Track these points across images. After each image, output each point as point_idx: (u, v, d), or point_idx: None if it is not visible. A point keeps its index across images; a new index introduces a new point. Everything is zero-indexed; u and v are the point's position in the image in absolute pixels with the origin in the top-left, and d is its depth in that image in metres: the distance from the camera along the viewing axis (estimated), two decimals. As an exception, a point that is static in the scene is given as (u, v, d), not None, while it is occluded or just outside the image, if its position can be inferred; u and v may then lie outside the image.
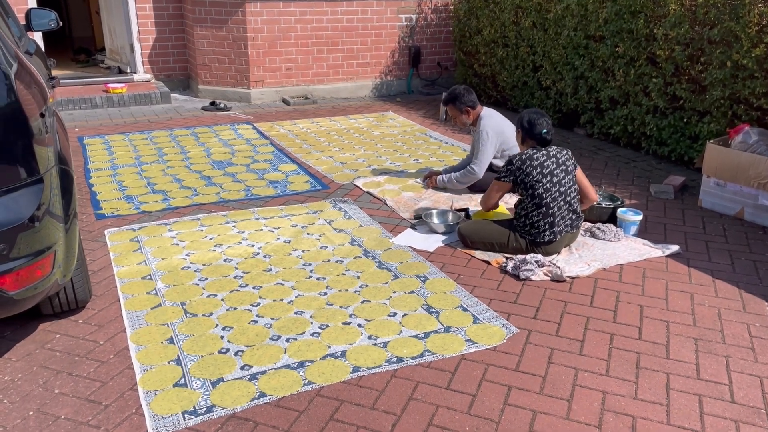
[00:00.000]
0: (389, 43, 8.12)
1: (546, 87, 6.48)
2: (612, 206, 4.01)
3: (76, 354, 2.70)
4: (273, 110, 7.32)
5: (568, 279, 3.33)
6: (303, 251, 3.69)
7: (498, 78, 7.22)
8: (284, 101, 7.70)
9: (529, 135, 3.57)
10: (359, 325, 2.91)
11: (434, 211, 4.07)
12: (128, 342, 2.78)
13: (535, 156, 3.50)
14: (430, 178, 4.73)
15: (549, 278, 3.34)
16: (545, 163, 3.49)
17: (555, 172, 3.51)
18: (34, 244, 2.41)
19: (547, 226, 3.50)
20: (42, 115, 2.56)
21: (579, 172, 3.66)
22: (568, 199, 3.55)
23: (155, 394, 2.44)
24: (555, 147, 3.60)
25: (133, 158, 5.41)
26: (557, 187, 3.50)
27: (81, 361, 2.65)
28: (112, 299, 3.15)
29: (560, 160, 3.55)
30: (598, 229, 3.85)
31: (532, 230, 3.53)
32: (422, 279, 3.36)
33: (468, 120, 4.51)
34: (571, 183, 3.60)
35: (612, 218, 3.98)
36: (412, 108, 7.52)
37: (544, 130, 3.56)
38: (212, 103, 7.33)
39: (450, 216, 4.06)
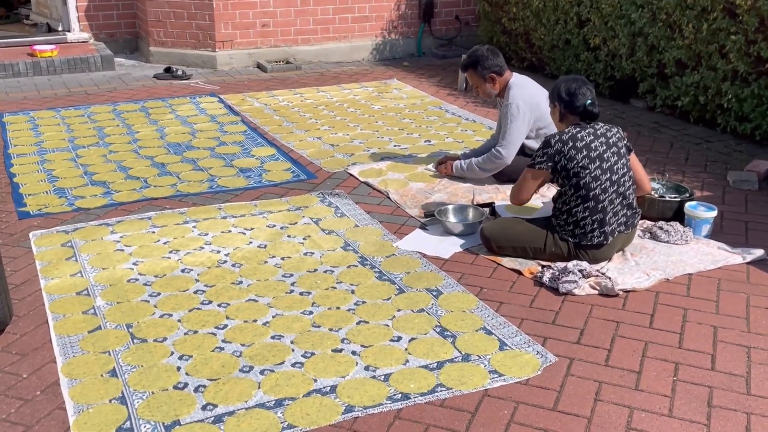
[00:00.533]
0: (393, -9, 8.14)
1: (594, 47, 6.48)
2: (678, 200, 4.02)
3: (-7, 390, 2.72)
4: (245, 78, 7.34)
5: (621, 293, 3.34)
6: (282, 259, 3.70)
7: (533, 36, 7.22)
8: (259, 67, 7.72)
9: (569, 109, 3.57)
10: (354, 353, 2.92)
11: (450, 207, 4.06)
12: (59, 375, 2.79)
13: (579, 135, 3.50)
14: (444, 164, 4.74)
15: (597, 292, 3.35)
16: (592, 144, 3.49)
17: (605, 155, 3.51)
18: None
19: (596, 225, 3.51)
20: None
21: (632, 157, 3.67)
22: (621, 190, 3.55)
23: (93, 441, 2.45)
24: (602, 123, 3.60)
25: (66, 140, 5.44)
26: (608, 175, 3.50)
27: (-1, 400, 2.67)
28: (38, 320, 3.17)
29: (611, 141, 3.55)
30: (661, 228, 3.86)
31: (577, 230, 3.53)
32: (435, 294, 3.36)
33: (493, 90, 4.51)
34: (626, 170, 3.60)
35: (679, 215, 3.98)
36: (423, 75, 7.53)
37: (588, 101, 3.56)
38: (167, 70, 7.36)
39: (470, 213, 4.05)
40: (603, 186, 3.50)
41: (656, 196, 4.05)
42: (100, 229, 3.99)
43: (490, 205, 4.17)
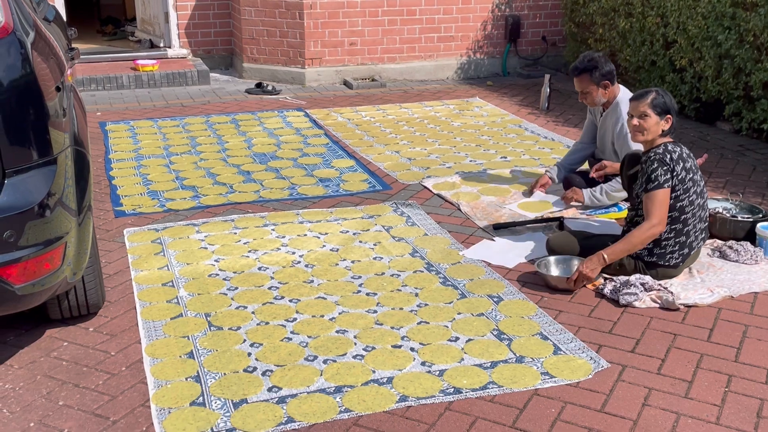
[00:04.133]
0: (480, 11, 8.35)
1: (680, 68, 6.50)
2: (751, 220, 4.04)
3: (85, 364, 3.05)
4: (331, 94, 7.68)
5: (682, 307, 3.40)
6: (353, 262, 3.94)
7: (619, 56, 7.27)
8: (345, 83, 8.06)
9: (676, 125, 3.55)
10: (412, 349, 3.12)
11: (552, 259, 3.75)
12: (143, 354, 3.10)
13: (684, 155, 3.50)
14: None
15: (657, 305, 3.43)
16: (691, 166, 3.53)
17: (696, 177, 3.57)
18: (44, 233, 2.78)
19: (677, 248, 3.56)
20: (58, 89, 2.95)
21: None
22: (704, 215, 3.62)
23: (169, 412, 2.73)
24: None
25: (162, 148, 5.87)
26: (699, 200, 3.55)
27: (89, 372, 3.00)
28: (127, 306, 3.51)
29: (695, 161, 3.62)
30: (731, 248, 3.89)
31: (656, 250, 3.57)
32: (495, 300, 3.52)
33: (603, 97, 4.48)
34: (706, 192, 3.65)
35: (751, 235, 4.00)
36: (506, 94, 7.69)
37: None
38: (258, 85, 7.78)
39: (574, 266, 3.66)
40: (694, 210, 3.54)
41: (728, 215, 4.08)
42: (187, 229, 4.34)
43: (559, 219, 4.29)
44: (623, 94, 4.51)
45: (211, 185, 5.09)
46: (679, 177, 3.49)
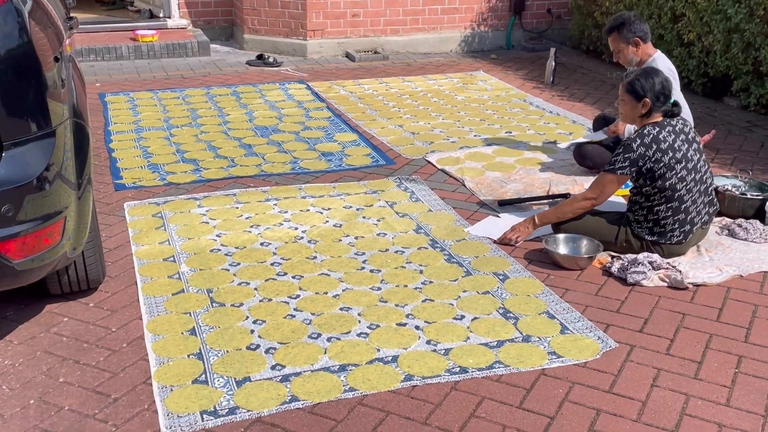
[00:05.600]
0: (485, -17, 8.22)
1: (688, 42, 6.39)
2: (761, 197, 3.98)
3: (85, 340, 3.01)
4: (333, 67, 7.58)
5: (690, 286, 3.36)
6: (356, 238, 3.88)
7: (625, 30, 7.14)
8: (348, 56, 7.95)
9: (659, 105, 3.53)
10: (417, 328, 3.07)
11: (561, 237, 3.69)
12: (144, 330, 3.06)
13: (660, 136, 3.48)
14: (609, 130, 4.54)
15: (666, 284, 3.38)
16: (675, 144, 3.49)
17: (688, 154, 3.51)
18: (43, 207, 2.72)
19: (677, 225, 3.52)
20: (57, 60, 2.87)
21: None
22: (703, 188, 3.56)
23: (171, 389, 2.69)
24: (675, 119, 3.59)
25: (162, 120, 5.79)
26: (693, 175, 3.50)
27: (90, 349, 2.95)
28: (128, 282, 3.46)
29: (689, 137, 3.56)
30: (740, 226, 3.84)
31: (656, 228, 3.55)
32: (501, 278, 3.48)
33: (635, 56, 4.41)
34: (707, 166, 3.61)
35: (760, 213, 3.94)
36: (510, 67, 7.58)
37: (673, 100, 3.58)
38: (259, 57, 7.67)
39: (584, 245, 3.63)
40: (688, 186, 3.50)
41: (737, 193, 4.03)
42: (188, 203, 4.28)
43: (565, 196, 4.23)
44: (659, 55, 4.44)
45: (212, 158, 5.02)
46: (653, 159, 3.44)
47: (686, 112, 4.27)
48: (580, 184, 4.50)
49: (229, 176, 4.71)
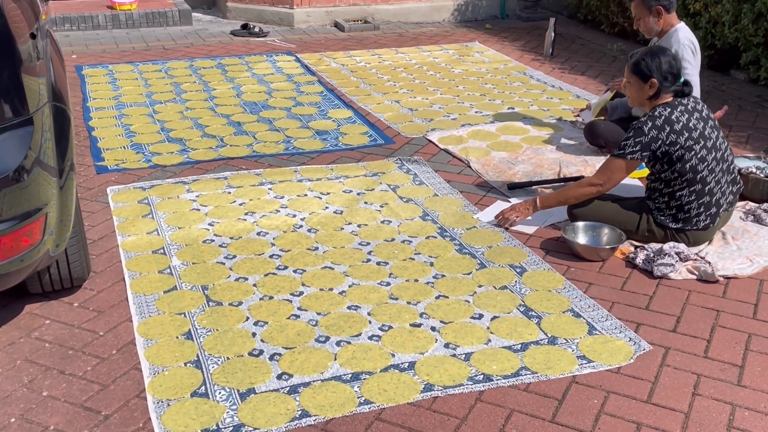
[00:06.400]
0: (478, -51, 7.89)
1: (694, 12, 6.14)
2: (786, 181, 3.77)
3: (70, 346, 2.74)
4: (322, 37, 7.25)
5: (721, 279, 3.15)
6: (359, 226, 3.63)
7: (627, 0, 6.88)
8: (337, 25, 7.62)
9: (668, 85, 3.34)
10: (433, 329, 2.84)
11: (580, 225, 3.44)
12: (135, 334, 2.80)
13: (673, 117, 3.28)
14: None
15: (695, 277, 3.17)
16: (690, 124, 3.28)
17: (706, 132, 3.31)
18: (21, 204, 2.43)
19: (702, 209, 3.30)
20: (33, 36, 2.56)
21: None
22: (725, 166, 3.36)
23: (168, 404, 2.44)
24: (687, 98, 3.38)
25: (144, 95, 5.46)
26: (713, 154, 3.30)
27: (76, 356, 2.69)
28: (115, 277, 3.19)
29: (704, 114, 3.36)
30: (766, 211, 3.63)
31: (680, 215, 3.33)
32: (518, 270, 3.24)
33: (657, 25, 4.19)
34: (726, 143, 3.40)
35: (785, 197, 3.74)
36: (506, 38, 7.30)
37: (683, 80, 3.37)
38: (244, 26, 7.32)
39: (605, 234, 3.40)
40: (710, 167, 3.29)
41: (761, 175, 3.81)
42: (177, 187, 3.99)
43: (578, 179, 3.99)
44: (683, 26, 4.20)
45: (200, 138, 4.71)
46: (668, 141, 3.24)
47: (695, 91, 4.05)
48: (592, 165, 4.27)
49: (219, 157, 4.42)
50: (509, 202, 3.87)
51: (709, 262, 3.21)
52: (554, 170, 4.23)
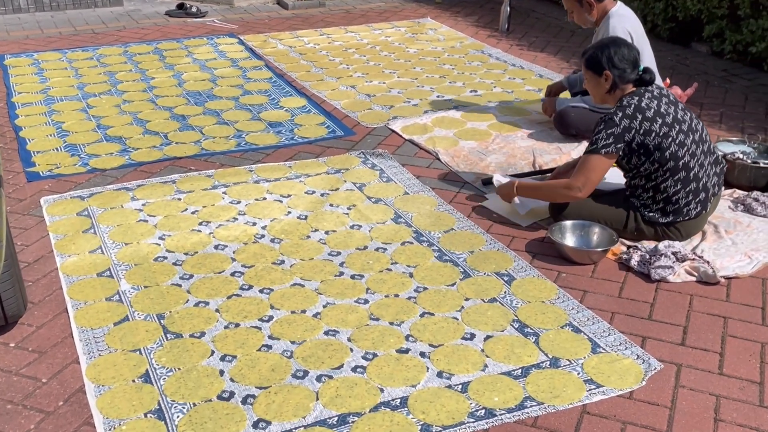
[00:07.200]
0: None
1: (653, -16, 5.94)
2: (773, 166, 3.59)
3: (9, 399, 2.37)
4: (265, 16, 6.83)
5: (722, 280, 2.94)
6: (326, 233, 3.31)
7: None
8: (280, 3, 7.19)
9: (622, 78, 3.14)
10: (422, 354, 2.55)
11: (568, 224, 3.21)
12: (84, 379, 2.44)
13: (643, 104, 3.07)
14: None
15: (694, 279, 2.96)
16: (661, 109, 3.08)
17: (678, 115, 3.11)
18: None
19: (691, 197, 3.10)
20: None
21: None
22: (706, 147, 3.17)
23: (129, 468, 2.11)
24: (651, 85, 3.18)
25: (75, 87, 5.00)
26: (691, 136, 3.10)
27: (15, 412, 2.32)
28: (56, 308, 2.80)
29: (671, 98, 3.19)
30: (756, 200, 3.45)
31: (669, 207, 3.12)
32: (506, 279, 2.98)
33: (591, 17, 3.97)
34: (701, 123, 3.20)
35: (772, 183, 3.56)
36: (459, 13, 6.99)
37: (642, 67, 3.15)
38: (180, 6, 6.84)
39: (595, 234, 3.17)
40: (690, 150, 3.08)
41: (748, 161, 3.62)
42: (120, 195, 3.59)
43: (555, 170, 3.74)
44: (618, 8, 3.93)
45: (141, 135, 4.30)
46: (642, 130, 3.05)
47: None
48: (567, 153, 4.03)
49: (164, 157, 4.02)
50: (487, 199, 3.59)
51: (708, 261, 2.99)
52: (528, 160, 3.98)
